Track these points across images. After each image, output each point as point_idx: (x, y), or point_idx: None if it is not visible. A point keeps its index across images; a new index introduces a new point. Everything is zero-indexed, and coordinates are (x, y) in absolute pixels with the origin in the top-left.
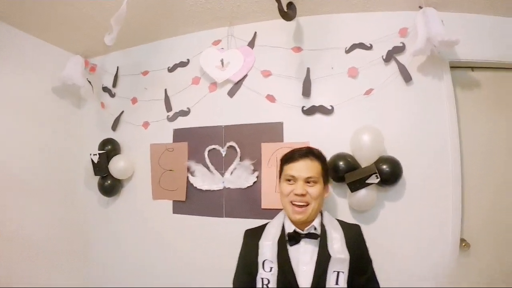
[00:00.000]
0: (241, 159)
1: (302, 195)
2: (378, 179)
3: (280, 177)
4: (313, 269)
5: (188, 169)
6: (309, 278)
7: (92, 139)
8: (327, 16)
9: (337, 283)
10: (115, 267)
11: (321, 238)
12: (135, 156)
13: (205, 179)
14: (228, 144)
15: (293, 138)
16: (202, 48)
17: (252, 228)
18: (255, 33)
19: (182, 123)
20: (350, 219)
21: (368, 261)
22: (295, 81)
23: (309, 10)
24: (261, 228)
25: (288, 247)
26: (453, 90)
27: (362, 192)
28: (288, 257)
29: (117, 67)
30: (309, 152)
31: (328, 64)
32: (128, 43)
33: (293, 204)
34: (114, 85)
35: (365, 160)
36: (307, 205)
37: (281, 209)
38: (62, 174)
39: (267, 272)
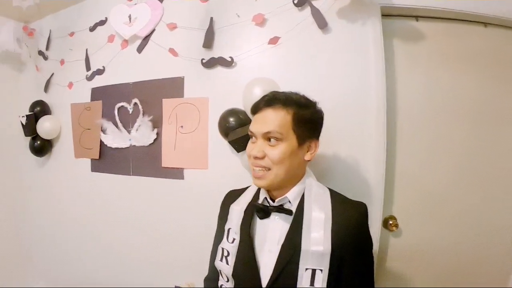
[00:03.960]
0: (144, 116)
1: (257, 157)
2: None
3: None
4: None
5: (101, 128)
6: (273, 264)
7: (29, 102)
8: None
9: (312, 284)
10: (50, 226)
11: (295, 217)
12: (63, 117)
13: (115, 137)
14: (133, 101)
15: (193, 93)
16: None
17: (235, 189)
18: None
19: (99, 81)
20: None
21: (364, 254)
22: (200, 33)
23: None
24: (243, 190)
25: (258, 219)
26: (382, 40)
27: None
28: (249, 231)
29: (50, 30)
30: (272, 98)
31: (234, 12)
32: (59, 6)
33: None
34: (47, 48)
35: None
36: (269, 170)
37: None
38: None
39: (229, 243)
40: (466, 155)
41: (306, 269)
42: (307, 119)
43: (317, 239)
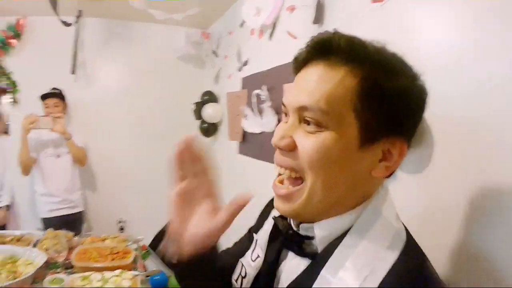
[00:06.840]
0: (269, 102)
1: (280, 149)
2: None
3: None
4: None
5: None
6: None
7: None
8: None
9: None
10: None
11: (317, 261)
12: (225, 104)
13: (251, 123)
14: (264, 88)
15: None
16: None
17: None
18: None
19: (246, 72)
20: None
21: None
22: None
23: None
24: None
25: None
26: None
27: None
28: (276, 256)
29: (218, 32)
30: (327, 44)
31: None
32: (218, 14)
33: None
34: (217, 47)
35: None
36: (301, 181)
37: None
38: (185, 119)
39: (251, 261)
40: None
41: None
42: (390, 95)
43: None
